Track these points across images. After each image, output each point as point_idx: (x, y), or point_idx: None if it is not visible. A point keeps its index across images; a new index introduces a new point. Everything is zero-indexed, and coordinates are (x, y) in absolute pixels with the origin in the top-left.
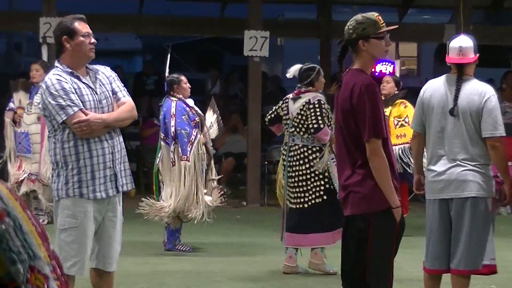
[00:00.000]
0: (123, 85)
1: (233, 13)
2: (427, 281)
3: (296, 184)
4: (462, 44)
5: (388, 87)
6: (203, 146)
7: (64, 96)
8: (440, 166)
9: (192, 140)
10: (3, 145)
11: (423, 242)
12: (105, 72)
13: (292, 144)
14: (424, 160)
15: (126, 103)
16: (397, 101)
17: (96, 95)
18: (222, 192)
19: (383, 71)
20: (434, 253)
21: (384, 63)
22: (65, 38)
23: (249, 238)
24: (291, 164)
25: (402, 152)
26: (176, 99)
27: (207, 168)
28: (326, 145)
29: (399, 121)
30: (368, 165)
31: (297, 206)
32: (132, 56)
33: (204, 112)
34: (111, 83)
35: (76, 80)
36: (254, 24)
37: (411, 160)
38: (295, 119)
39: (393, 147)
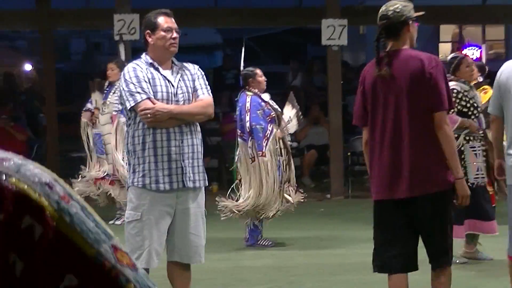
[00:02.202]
0: (207, 83)
1: (312, 2)
2: None
3: None
4: None
5: None
6: (280, 141)
7: (136, 84)
8: None
9: (268, 135)
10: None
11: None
12: (190, 70)
13: None
14: (504, 144)
15: (203, 100)
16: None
17: (172, 88)
18: (300, 192)
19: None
20: None
21: (471, 47)
22: (148, 32)
23: (332, 232)
24: None
25: None
26: (251, 93)
27: (284, 165)
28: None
29: None
30: (429, 144)
31: None
32: (212, 51)
33: (282, 107)
34: (193, 80)
35: (152, 70)
36: (331, 13)
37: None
38: None
39: None
